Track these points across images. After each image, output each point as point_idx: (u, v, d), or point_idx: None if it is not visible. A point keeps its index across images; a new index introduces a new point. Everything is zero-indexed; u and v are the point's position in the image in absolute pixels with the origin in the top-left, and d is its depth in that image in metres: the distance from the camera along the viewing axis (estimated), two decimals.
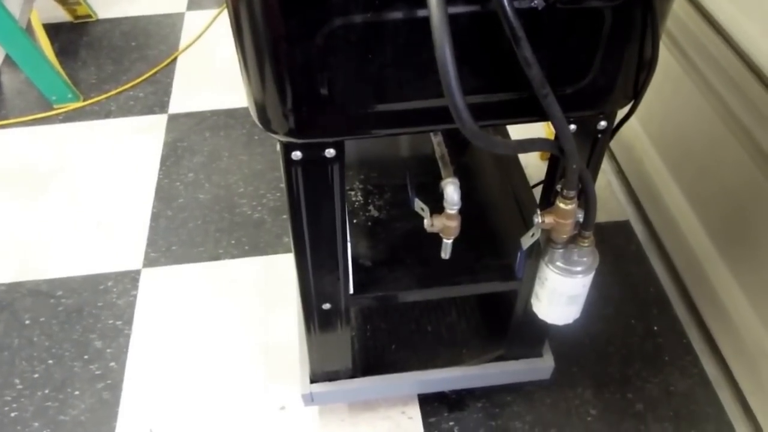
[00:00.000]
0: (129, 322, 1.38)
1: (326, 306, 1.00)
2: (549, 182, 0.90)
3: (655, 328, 1.38)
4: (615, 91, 0.76)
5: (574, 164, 0.75)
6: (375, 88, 0.70)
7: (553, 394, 1.25)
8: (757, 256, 1.18)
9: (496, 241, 1.06)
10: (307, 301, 0.99)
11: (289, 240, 1.53)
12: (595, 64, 0.72)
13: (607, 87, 0.75)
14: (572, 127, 0.81)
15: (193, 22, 2.22)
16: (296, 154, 0.78)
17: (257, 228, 1.56)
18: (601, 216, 1.55)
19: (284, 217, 1.58)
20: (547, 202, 0.89)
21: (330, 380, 1.16)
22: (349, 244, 0.91)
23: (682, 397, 1.26)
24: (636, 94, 0.77)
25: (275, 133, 0.75)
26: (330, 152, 0.78)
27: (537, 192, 0.97)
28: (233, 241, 1.53)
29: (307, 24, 0.64)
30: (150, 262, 1.49)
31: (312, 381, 1.16)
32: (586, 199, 0.82)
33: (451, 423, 1.21)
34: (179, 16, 2.25)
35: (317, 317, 1.02)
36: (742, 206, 1.21)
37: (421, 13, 0.65)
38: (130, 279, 1.46)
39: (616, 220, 1.59)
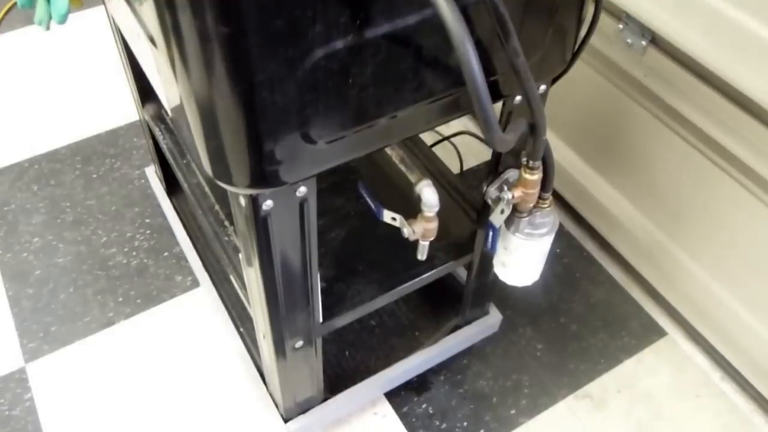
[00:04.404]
0: None
1: (299, 344, 0.93)
2: (495, 161, 0.90)
3: (558, 250, 1.48)
4: (559, 60, 0.78)
5: (545, 136, 0.76)
6: (354, 111, 0.64)
7: (501, 343, 1.30)
8: (623, 159, 1.31)
9: None
10: (279, 345, 0.91)
11: (183, 278, 1.38)
12: (546, 40, 0.73)
13: (553, 58, 0.77)
14: (518, 98, 0.81)
15: None
16: (268, 204, 0.69)
17: (141, 276, 1.38)
18: (470, 160, 1.61)
19: (166, 254, 1.41)
20: (494, 178, 0.90)
21: (303, 412, 1.09)
22: (317, 274, 0.85)
23: (603, 306, 1.38)
24: (574, 56, 0.79)
25: (238, 186, 0.65)
26: (302, 191, 0.71)
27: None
28: (120, 299, 1.34)
29: (287, 59, 0.55)
30: (31, 354, 1.25)
31: (286, 420, 1.08)
32: (545, 164, 0.83)
33: (425, 405, 1.21)
34: None
35: (289, 356, 0.94)
36: (601, 119, 1.32)
37: (399, 23, 0.60)
38: (16, 382, 1.22)
39: (485, 160, 1.64)
